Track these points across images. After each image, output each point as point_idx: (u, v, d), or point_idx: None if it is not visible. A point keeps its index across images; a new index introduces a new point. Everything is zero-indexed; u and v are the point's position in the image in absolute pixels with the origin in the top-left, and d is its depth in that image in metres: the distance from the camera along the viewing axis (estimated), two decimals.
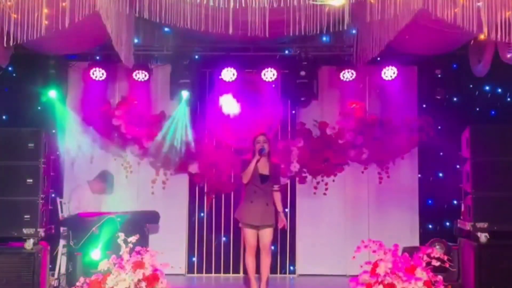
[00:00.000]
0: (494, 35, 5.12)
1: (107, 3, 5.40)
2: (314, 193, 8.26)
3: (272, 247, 8.02)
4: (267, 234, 6.54)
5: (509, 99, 7.91)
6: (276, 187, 6.67)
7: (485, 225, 6.11)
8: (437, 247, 6.50)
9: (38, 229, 5.97)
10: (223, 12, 5.56)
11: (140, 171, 8.24)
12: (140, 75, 7.97)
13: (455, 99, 7.95)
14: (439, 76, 7.91)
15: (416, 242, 7.89)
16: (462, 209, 6.69)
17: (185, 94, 7.93)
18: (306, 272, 8.17)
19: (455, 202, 7.58)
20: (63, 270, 6.82)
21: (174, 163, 8.06)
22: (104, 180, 7.57)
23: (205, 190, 8.28)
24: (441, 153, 8.04)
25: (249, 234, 6.53)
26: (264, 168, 6.56)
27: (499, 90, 7.95)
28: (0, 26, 5.48)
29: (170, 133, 7.98)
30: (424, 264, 5.22)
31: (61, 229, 6.96)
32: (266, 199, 6.54)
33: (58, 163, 7.73)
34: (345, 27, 5.50)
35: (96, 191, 7.50)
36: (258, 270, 6.72)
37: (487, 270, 5.99)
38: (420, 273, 5.13)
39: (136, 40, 7.81)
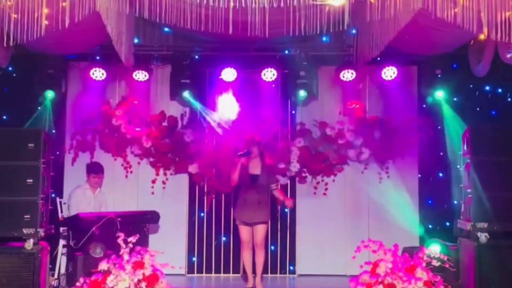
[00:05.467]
0: (494, 35, 5.13)
1: (107, 3, 5.40)
2: (314, 193, 8.26)
3: (272, 247, 8.08)
4: (260, 231, 6.91)
5: (509, 99, 7.91)
6: (273, 186, 7.07)
7: (485, 225, 6.10)
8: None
9: (38, 229, 5.96)
10: (223, 12, 5.56)
11: (140, 171, 8.24)
12: (140, 75, 7.99)
13: (455, 99, 7.95)
14: (439, 76, 7.91)
15: (416, 242, 7.89)
16: (462, 209, 6.69)
17: (186, 94, 7.94)
18: (306, 272, 8.17)
19: (455, 202, 7.57)
20: (63, 270, 6.81)
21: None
22: (97, 171, 7.52)
23: (205, 190, 8.27)
24: (441, 153, 8.04)
25: (243, 231, 6.97)
26: (255, 168, 6.93)
27: (499, 90, 7.95)
28: (0, 26, 5.48)
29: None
30: (424, 264, 5.22)
31: (61, 229, 6.96)
32: (258, 198, 6.88)
33: (58, 163, 7.75)
34: (345, 27, 5.51)
35: (95, 186, 7.46)
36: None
37: (487, 270, 5.99)
38: (420, 273, 5.14)
39: (136, 40, 7.82)
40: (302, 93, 7.98)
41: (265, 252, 7.12)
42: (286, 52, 8.18)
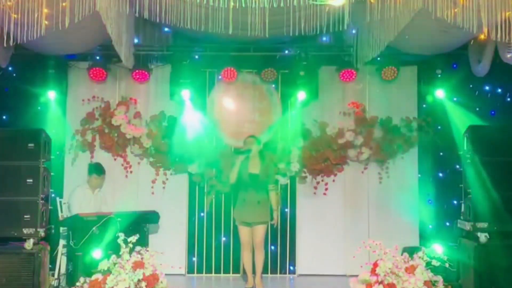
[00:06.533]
0: (494, 35, 5.13)
1: (107, 3, 5.40)
2: (314, 193, 8.26)
3: (272, 247, 8.08)
4: (259, 231, 6.92)
5: (509, 99, 7.91)
6: (271, 186, 7.00)
7: (485, 225, 6.11)
8: None
9: (38, 229, 5.98)
10: (223, 12, 5.56)
11: (140, 171, 8.24)
12: (140, 75, 7.99)
13: (455, 99, 7.95)
14: (439, 76, 7.92)
15: (416, 242, 7.89)
16: (462, 209, 6.69)
17: (186, 94, 7.94)
18: (306, 272, 8.17)
19: (455, 202, 7.58)
20: (63, 270, 6.82)
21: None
22: (100, 173, 7.54)
23: (205, 190, 8.27)
24: (441, 153, 8.04)
25: (242, 231, 6.99)
26: (254, 167, 6.92)
27: (499, 90, 7.95)
28: (0, 26, 5.49)
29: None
30: (424, 264, 5.22)
31: (61, 229, 6.96)
32: (258, 197, 6.89)
33: (58, 163, 7.75)
34: (345, 27, 5.50)
35: (96, 186, 7.48)
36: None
37: (487, 270, 5.99)
38: (420, 273, 5.14)
39: (136, 40, 7.82)
40: (302, 93, 7.98)
41: (265, 252, 7.12)
42: (286, 52, 8.18)
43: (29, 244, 5.92)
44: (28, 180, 6.05)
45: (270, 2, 4.97)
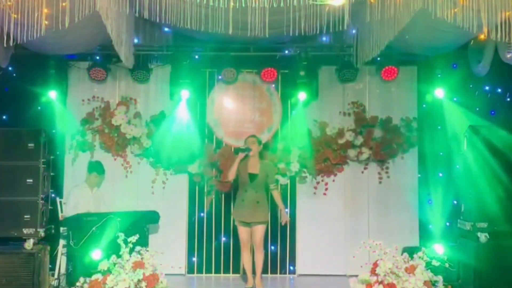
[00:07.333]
0: (494, 35, 5.13)
1: (107, 3, 5.40)
2: (314, 193, 8.26)
3: (272, 247, 8.08)
4: (258, 231, 6.91)
5: (509, 99, 7.91)
6: (272, 186, 7.02)
7: (485, 225, 6.12)
8: None
9: (38, 229, 5.99)
10: (223, 12, 5.56)
11: (140, 171, 8.24)
12: (140, 75, 8.00)
13: (455, 99, 7.95)
14: (439, 76, 7.92)
15: (416, 242, 7.90)
16: (462, 209, 6.69)
17: (185, 94, 7.94)
18: (306, 272, 8.17)
19: (455, 202, 7.58)
20: (63, 270, 6.82)
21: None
22: (101, 172, 7.54)
23: (205, 190, 8.27)
24: (441, 153, 8.05)
25: (242, 231, 6.99)
26: (253, 167, 6.92)
27: (499, 90, 7.96)
28: (0, 26, 5.49)
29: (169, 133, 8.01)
30: (424, 264, 5.22)
31: (61, 229, 6.96)
32: (257, 197, 6.89)
33: (58, 163, 7.75)
34: (345, 27, 5.50)
35: (94, 185, 7.47)
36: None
37: (487, 270, 5.99)
38: (420, 273, 5.14)
39: (136, 40, 7.82)
40: (302, 94, 7.98)
41: (264, 252, 7.12)
42: (286, 52, 8.18)
43: (29, 244, 5.93)
44: (28, 180, 6.06)
45: (270, 2, 4.97)
